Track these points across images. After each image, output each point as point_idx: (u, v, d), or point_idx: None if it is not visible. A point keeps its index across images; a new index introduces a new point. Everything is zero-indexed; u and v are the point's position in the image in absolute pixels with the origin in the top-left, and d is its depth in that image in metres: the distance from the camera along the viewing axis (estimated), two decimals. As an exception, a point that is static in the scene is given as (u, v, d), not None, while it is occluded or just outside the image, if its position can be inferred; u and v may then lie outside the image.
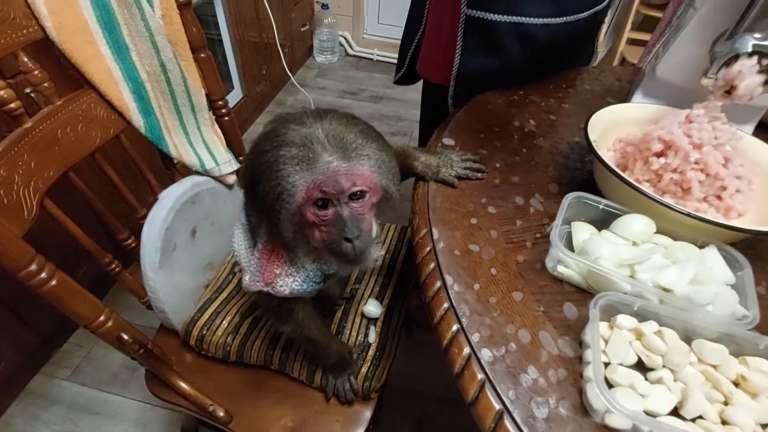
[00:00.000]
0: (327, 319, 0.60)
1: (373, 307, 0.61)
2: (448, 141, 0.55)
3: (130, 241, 0.58)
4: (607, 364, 0.31)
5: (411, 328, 1.12)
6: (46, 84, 0.46)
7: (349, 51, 2.55)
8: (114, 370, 1.03)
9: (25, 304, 0.88)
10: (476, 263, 0.40)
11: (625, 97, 0.65)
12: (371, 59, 2.52)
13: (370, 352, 0.57)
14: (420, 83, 0.82)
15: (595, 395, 0.28)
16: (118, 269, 0.56)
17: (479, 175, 0.49)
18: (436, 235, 0.42)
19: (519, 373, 0.31)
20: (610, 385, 0.30)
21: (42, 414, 0.94)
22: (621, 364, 0.30)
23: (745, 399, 0.29)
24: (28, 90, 0.66)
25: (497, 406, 0.29)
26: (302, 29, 2.28)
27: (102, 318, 0.47)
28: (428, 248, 0.42)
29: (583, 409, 0.29)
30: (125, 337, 0.49)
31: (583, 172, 0.51)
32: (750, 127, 0.53)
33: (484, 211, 0.45)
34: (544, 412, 0.29)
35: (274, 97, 2.11)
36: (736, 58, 0.42)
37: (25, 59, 0.45)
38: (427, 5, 0.67)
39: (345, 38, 2.53)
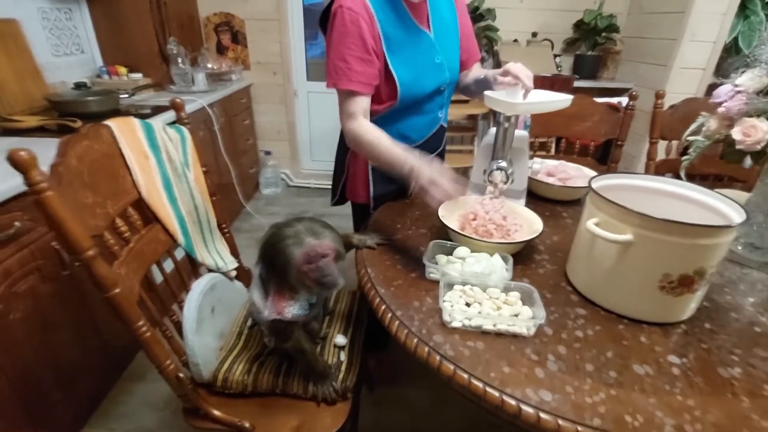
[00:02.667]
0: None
1: (340, 339, 0.93)
2: (370, 233, 0.96)
3: (174, 317, 0.86)
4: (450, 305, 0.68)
5: (372, 386, 1.37)
6: (138, 222, 0.81)
7: (290, 183, 3.08)
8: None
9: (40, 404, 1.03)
10: (392, 278, 0.77)
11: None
12: (309, 187, 3.05)
13: (343, 367, 0.87)
14: (348, 204, 1.26)
15: (447, 312, 0.65)
16: (169, 334, 0.84)
17: (387, 242, 0.89)
18: (370, 271, 0.80)
19: (411, 315, 0.67)
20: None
21: None
22: (456, 303, 0.68)
23: (507, 309, 0.67)
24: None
25: (405, 330, 0.64)
26: (250, 171, 2.78)
27: (168, 362, 0.75)
28: (368, 280, 0.79)
29: (442, 322, 0.65)
30: (181, 375, 0.76)
31: (443, 232, 0.94)
32: (522, 201, 1.02)
33: (393, 257, 0.84)
34: (423, 324, 0.65)
35: (231, 224, 2.47)
36: (494, 169, 0.91)
37: (129, 209, 0.80)
38: (347, 162, 1.13)
39: (286, 174, 3.07)
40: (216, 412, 0.79)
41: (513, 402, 0.53)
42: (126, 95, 1.82)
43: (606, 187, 0.75)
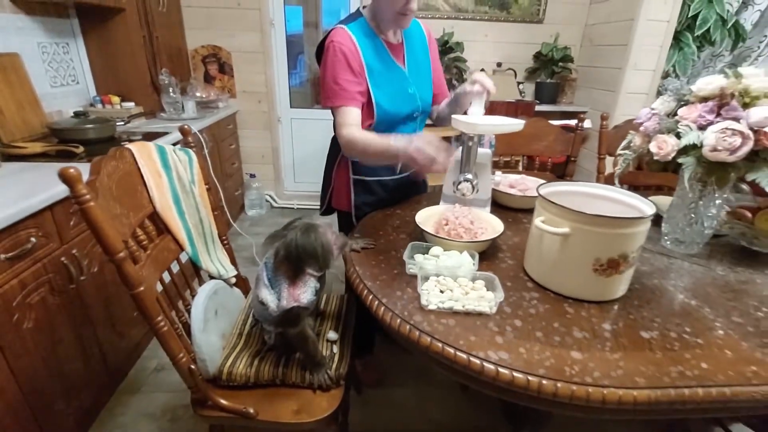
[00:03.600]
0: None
1: (332, 334, 1.04)
2: (357, 236, 1.09)
3: (184, 318, 0.96)
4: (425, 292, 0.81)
5: (359, 388, 1.47)
6: (153, 232, 0.92)
7: (274, 204, 3.19)
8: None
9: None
10: (377, 274, 0.90)
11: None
12: (293, 208, 3.17)
13: (336, 358, 0.98)
14: (335, 215, 1.39)
15: (424, 296, 0.78)
16: (180, 333, 0.93)
17: (372, 245, 1.03)
18: (358, 269, 0.92)
19: (394, 302, 0.80)
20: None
21: None
22: (432, 291, 0.81)
23: (474, 293, 0.81)
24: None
25: (390, 313, 0.77)
26: (236, 193, 2.88)
27: (181, 354, 0.84)
28: (356, 277, 0.91)
29: (420, 306, 0.78)
30: (193, 367, 0.85)
31: (420, 236, 1.07)
32: (487, 209, 1.17)
33: (377, 258, 0.97)
34: (405, 308, 0.77)
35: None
36: (461, 181, 1.07)
37: (146, 221, 0.91)
38: (333, 175, 1.28)
39: (270, 196, 3.18)
40: (223, 401, 0.89)
41: (477, 361, 0.66)
42: (121, 123, 1.92)
43: (552, 192, 0.91)
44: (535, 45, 2.82)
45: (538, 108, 2.69)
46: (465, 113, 1.13)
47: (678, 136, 0.91)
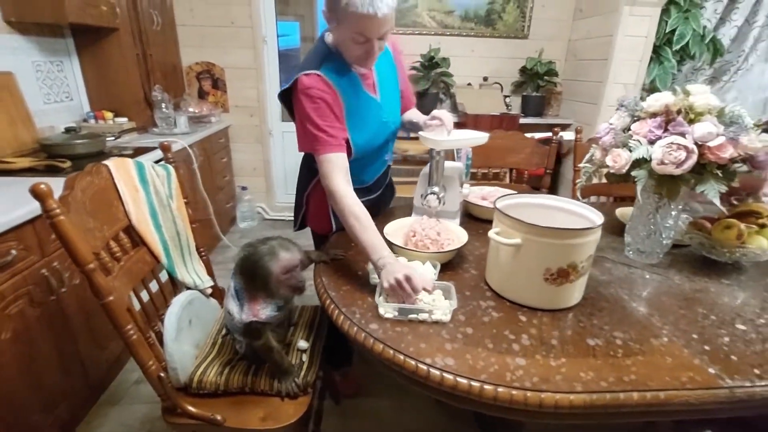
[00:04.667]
0: (277, 354, 1.03)
1: (302, 343, 1.07)
2: (327, 250, 1.13)
3: (157, 327, 0.99)
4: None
5: (338, 399, 1.49)
6: (128, 244, 0.95)
7: (266, 216, 3.23)
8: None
9: None
10: (341, 284, 0.93)
11: (416, 216, 1.33)
12: (284, 220, 3.20)
13: (304, 366, 1.01)
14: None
15: (381, 306, 0.81)
16: (152, 342, 0.96)
17: (341, 257, 1.06)
18: (324, 279, 0.96)
19: (354, 310, 0.83)
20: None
21: None
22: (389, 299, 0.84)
23: (429, 301, 0.84)
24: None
25: (348, 321, 0.80)
26: (227, 206, 2.92)
27: (151, 362, 0.87)
28: (322, 287, 0.94)
29: (377, 314, 0.81)
30: (162, 375, 0.88)
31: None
32: (457, 220, 1.21)
33: (344, 269, 1.01)
34: (363, 317, 0.80)
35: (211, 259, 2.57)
36: (428, 194, 1.11)
37: (121, 233, 0.95)
38: (305, 199, 1.29)
39: (262, 208, 3.22)
40: (191, 408, 0.91)
41: (424, 367, 0.69)
42: (112, 138, 1.98)
43: (510, 204, 0.95)
44: (521, 60, 2.89)
45: (523, 121, 2.75)
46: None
47: (630, 150, 0.96)
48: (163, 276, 1.08)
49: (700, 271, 1.05)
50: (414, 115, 1.29)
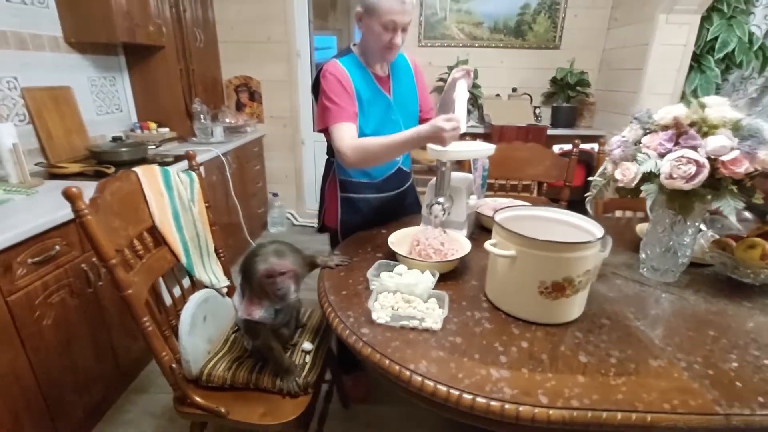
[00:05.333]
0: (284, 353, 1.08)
1: (307, 345, 1.11)
2: (336, 253, 1.17)
3: (174, 322, 1.07)
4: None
5: (347, 403, 1.51)
6: (151, 243, 1.04)
7: (295, 222, 3.34)
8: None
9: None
10: (342, 289, 0.97)
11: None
12: (312, 226, 3.29)
13: (307, 367, 1.05)
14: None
15: (375, 311, 0.84)
16: (168, 335, 1.04)
17: (345, 262, 1.10)
18: (326, 283, 1.00)
19: (349, 314, 0.86)
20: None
21: None
22: (384, 306, 0.87)
23: (421, 309, 0.85)
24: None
25: (341, 325, 0.83)
26: (259, 211, 3.06)
27: (164, 353, 0.94)
28: (323, 290, 0.98)
29: (371, 320, 0.84)
30: (174, 366, 0.95)
31: (394, 255, 1.13)
32: (464, 231, 1.21)
33: (348, 273, 1.04)
34: (357, 321, 0.83)
35: (236, 260, 2.70)
36: (433, 204, 1.12)
37: (144, 233, 1.04)
38: (325, 193, 1.38)
39: (291, 214, 3.34)
40: (198, 399, 0.97)
41: (407, 372, 0.70)
42: (153, 146, 2.15)
43: (511, 216, 0.95)
44: (552, 70, 2.84)
45: (552, 132, 2.69)
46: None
47: (639, 163, 0.93)
48: (186, 277, 1.16)
49: (721, 293, 0.99)
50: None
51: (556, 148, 2.42)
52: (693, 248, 1.01)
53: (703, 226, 1.20)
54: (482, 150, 1.11)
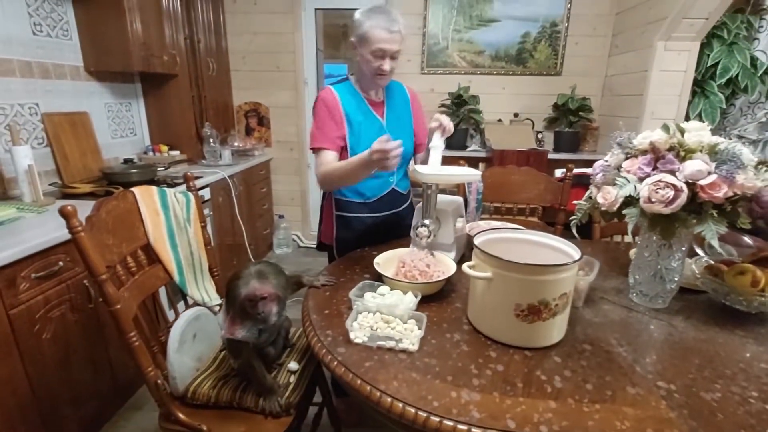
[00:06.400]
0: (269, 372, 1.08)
1: (293, 365, 1.11)
2: (324, 273, 1.19)
3: (163, 338, 1.09)
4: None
5: (339, 428, 1.49)
6: (144, 260, 1.08)
7: (300, 244, 3.37)
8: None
9: None
10: (324, 308, 0.98)
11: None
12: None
13: (290, 388, 1.05)
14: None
15: (352, 330, 0.84)
16: (156, 350, 1.06)
17: (331, 282, 1.11)
18: (311, 302, 1.01)
19: (328, 333, 0.86)
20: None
21: None
22: (363, 326, 0.87)
23: (414, 328, 0.86)
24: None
25: (319, 344, 0.84)
26: (264, 232, 3.11)
27: (150, 368, 0.96)
28: (306, 310, 1.00)
29: (348, 339, 0.84)
30: (160, 381, 0.97)
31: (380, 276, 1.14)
32: (452, 254, 1.22)
33: (332, 293, 1.06)
34: (335, 340, 0.84)
35: (241, 280, 2.73)
36: (419, 226, 1.14)
37: (139, 251, 1.08)
38: (322, 211, 1.42)
39: (297, 236, 3.38)
40: (181, 416, 0.98)
41: (377, 393, 0.70)
42: (162, 168, 2.24)
43: (491, 239, 0.96)
44: (554, 96, 2.88)
45: (554, 156, 2.70)
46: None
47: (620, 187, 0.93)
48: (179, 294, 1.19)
49: (713, 320, 0.97)
50: None
51: (558, 173, 2.43)
52: (681, 273, 0.99)
53: (700, 252, 1.18)
54: (467, 175, 1.13)
